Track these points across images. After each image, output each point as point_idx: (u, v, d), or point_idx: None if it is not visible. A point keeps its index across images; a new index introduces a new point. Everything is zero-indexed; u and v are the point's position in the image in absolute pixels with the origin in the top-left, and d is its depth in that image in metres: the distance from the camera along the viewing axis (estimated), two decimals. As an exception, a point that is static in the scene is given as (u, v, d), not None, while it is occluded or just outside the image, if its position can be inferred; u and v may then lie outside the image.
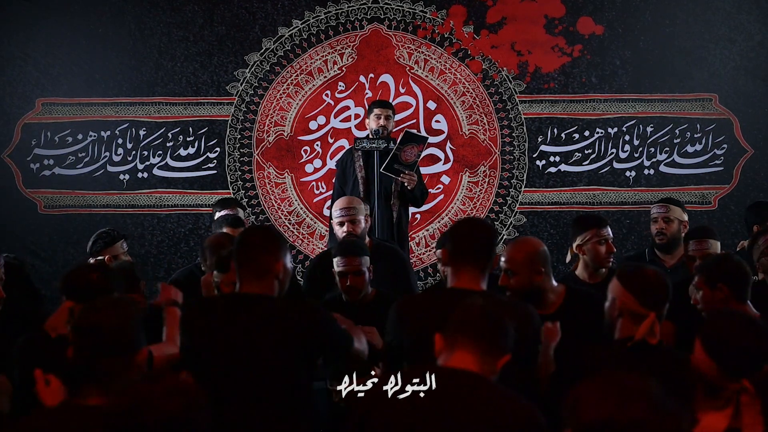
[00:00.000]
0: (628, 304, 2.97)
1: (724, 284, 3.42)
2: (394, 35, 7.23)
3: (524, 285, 3.55)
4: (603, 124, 7.18)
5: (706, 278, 3.46)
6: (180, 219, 7.21)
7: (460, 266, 3.21)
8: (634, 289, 2.98)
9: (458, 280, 3.20)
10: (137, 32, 7.15)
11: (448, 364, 2.42)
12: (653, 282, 3.00)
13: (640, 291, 2.97)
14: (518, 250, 3.60)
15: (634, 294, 2.97)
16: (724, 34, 7.15)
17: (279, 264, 3.14)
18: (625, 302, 2.98)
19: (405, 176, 5.95)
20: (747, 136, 7.14)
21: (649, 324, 2.89)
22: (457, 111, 7.21)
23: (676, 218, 5.20)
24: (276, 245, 3.18)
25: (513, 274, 3.57)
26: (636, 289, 2.97)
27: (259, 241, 3.17)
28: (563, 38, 7.17)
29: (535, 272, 3.56)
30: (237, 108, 7.20)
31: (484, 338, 2.44)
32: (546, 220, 7.20)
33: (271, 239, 3.20)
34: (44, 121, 7.17)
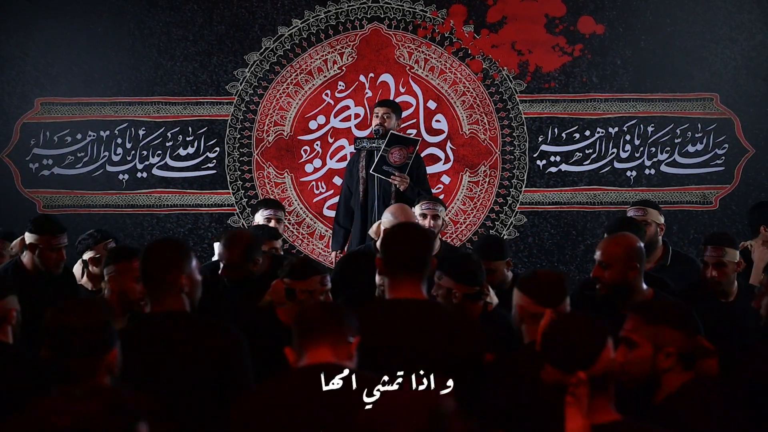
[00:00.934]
0: (525, 307, 3.02)
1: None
2: (395, 35, 7.21)
3: (617, 279, 3.54)
4: (604, 123, 7.16)
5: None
6: (179, 219, 7.19)
7: (397, 275, 3.08)
8: (529, 291, 3.02)
9: (397, 290, 3.08)
10: (136, 32, 7.13)
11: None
12: (545, 281, 3.03)
13: (534, 291, 3.00)
14: (616, 244, 3.60)
15: (529, 296, 3.01)
16: (725, 34, 7.13)
17: (183, 277, 2.99)
18: (522, 306, 3.03)
19: (395, 178, 5.95)
20: (748, 136, 7.12)
21: (547, 319, 2.89)
22: (457, 111, 7.19)
23: (653, 221, 5.10)
24: (179, 258, 3.02)
25: (607, 266, 3.55)
26: (530, 291, 3.01)
27: (161, 256, 3.01)
28: (564, 38, 7.15)
29: (630, 268, 3.55)
30: (236, 108, 7.18)
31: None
32: (546, 220, 7.18)
33: (173, 252, 3.03)
34: (43, 120, 7.15)
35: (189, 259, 3.04)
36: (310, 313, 2.60)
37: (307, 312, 2.62)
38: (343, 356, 2.50)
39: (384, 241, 3.21)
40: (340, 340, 2.52)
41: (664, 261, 5.04)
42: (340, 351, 2.51)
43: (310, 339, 2.52)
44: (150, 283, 3.00)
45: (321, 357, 2.49)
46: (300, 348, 2.53)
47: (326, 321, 2.54)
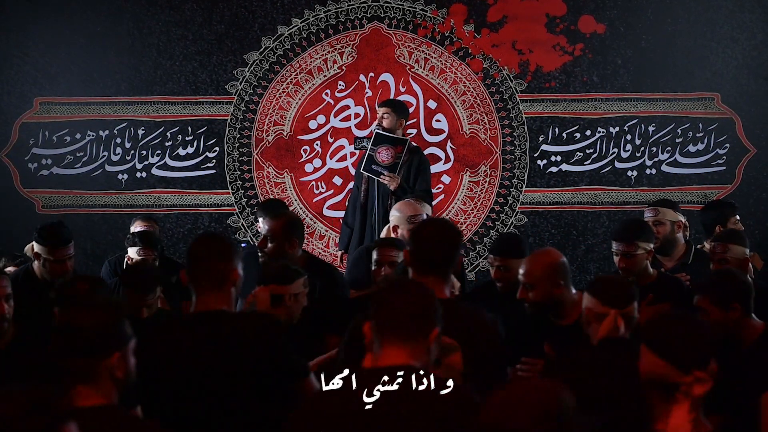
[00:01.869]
0: (593, 308, 3.14)
1: (738, 303, 3.30)
2: (395, 34, 7.19)
3: (544, 298, 3.54)
4: (604, 123, 7.14)
5: (718, 299, 3.32)
6: (179, 219, 7.17)
7: (422, 272, 3.07)
8: (596, 292, 3.15)
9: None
10: (136, 31, 7.12)
11: (381, 363, 2.41)
12: (612, 283, 3.22)
13: (601, 292, 3.14)
14: (537, 263, 3.58)
15: (596, 297, 3.14)
16: (726, 33, 7.11)
17: (235, 272, 3.00)
18: (590, 308, 3.15)
19: (384, 177, 5.94)
20: (749, 136, 7.10)
21: (611, 320, 3.06)
22: (457, 110, 7.17)
23: (668, 220, 5.09)
24: (230, 252, 3.02)
25: (531, 287, 3.54)
26: (597, 292, 3.15)
27: (212, 250, 3.00)
28: (564, 37, 7.13)
29: (554, 285, 3.54)
30: (236, 107, 7.16)
31: (407, 333, 2.41)
32: (547, 220, 7.16)
33: (224, 246, 3.04)
34: (42, 120, 7.13)
35: (240, 253, 3.08)
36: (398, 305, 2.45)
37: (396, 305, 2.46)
38: (421, 354, 2.42)
39: (413, 236, 3.21)
40: (420, 340, 2.43)
41: (685, 259, 5.04)
42: (417, 350, 2.42)
43: (390, 336, 2.42)
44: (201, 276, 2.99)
45: (398, 358, 2.40)
46: (380, 340, 2.44)
47: (411, 320, 2.43)
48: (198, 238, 3.13)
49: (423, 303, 2.47)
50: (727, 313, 3.29)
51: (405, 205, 5.12)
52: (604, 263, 6.93)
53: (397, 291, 2.51)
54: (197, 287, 2.99)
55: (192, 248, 3.04)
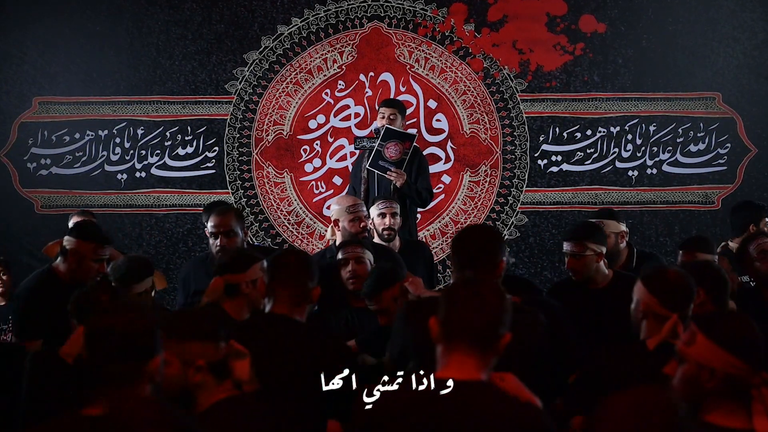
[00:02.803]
0: (651, 306, 3.02)
1: (702, 288, 3.33)
2: (395, 33, 7.17)
3: None
4: (605, 123, 7.12)
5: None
6: (178, 219, 7.15)
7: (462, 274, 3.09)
8: (656, 291, 3.02)
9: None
10: (135, 30, 7.10)
11: (447, 374, 2.33)
12: (675, 284, 3.04)
13: (662, 293, 3.01)
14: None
15: (656, 296, 3.01)
16: (727, 33, 7.09)
17: (317, 290, 3.27)
18: (648, 304, 3.03)
19: (391, 173, 5.93)
20: (750, 135, 7.09)
21: (671, 325, 2.94)
22: (458, 110, 7.15)
23: (611, 232, 5.00)
24: (314, 271, 3.28)
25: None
26: (658, 291, 3.02)
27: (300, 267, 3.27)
28: (565, 36, 7.11)
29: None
30: (236, 107, 7.14)
31: (479, 340, 2.35)
32: (548, 219, 7.13)
33: (310, 264, 3.31)
34: (41, 120, 7.11)
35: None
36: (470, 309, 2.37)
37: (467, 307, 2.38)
38: (489, 360, 2.36)
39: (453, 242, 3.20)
40: (491, 344, 2.36)
41: (629, 264, 4.99)
42: (487, 358, 2.36)
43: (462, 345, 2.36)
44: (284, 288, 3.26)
45: (467, 370, 2.34)
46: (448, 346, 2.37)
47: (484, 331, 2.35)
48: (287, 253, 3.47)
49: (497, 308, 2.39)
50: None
51: (343, 198, 5.36)
52: (604, 263, 6.90)
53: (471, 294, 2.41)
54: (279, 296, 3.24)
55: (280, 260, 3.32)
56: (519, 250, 7.07)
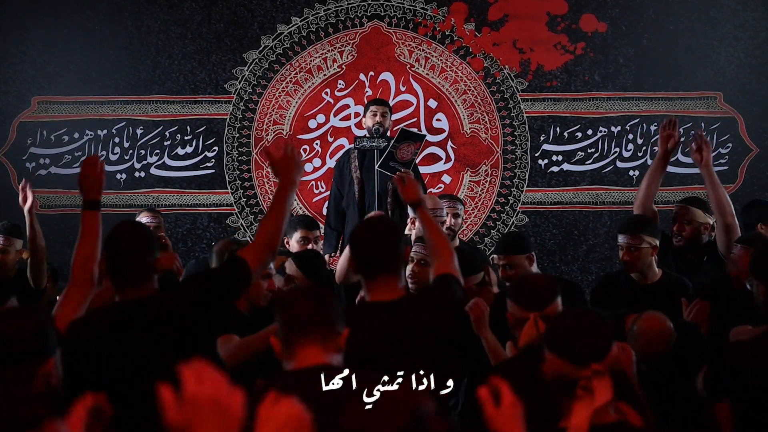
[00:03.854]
0: (514, 313, 2.98)
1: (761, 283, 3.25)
2: (395, 33, 7.15)
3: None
4: (606, 122, 7.10)
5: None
6: (178, 219, 7.12)
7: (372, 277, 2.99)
8: (514, 296, 3.00)
9: (374, 293, 2.98)
10: (134, 30, 7.08)
11: (297, 367, 2.37)
12: (529, 285, 3.01)
13: (518, 296, 2.98)
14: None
15: (514, 301, 2.98)
16: (728, 32, 7.07)
17: (157, 261, 2.99)
18: (512, 313, 2.99)
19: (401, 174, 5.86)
20: (752, 135, 7.07)
21: (531, 325, 2.87)
22: (458, 109, 7.13)
23: (696, 221, 4.91)
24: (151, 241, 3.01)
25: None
26: (515, 296, 3.00)
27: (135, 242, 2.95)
28: (566, 36, 7.09)
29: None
30: (235, 106, 7.12)
31: (316, 329, 2.39)
32: (548, 219, 7.11)
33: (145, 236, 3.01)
34: (40, 119, 7.09)
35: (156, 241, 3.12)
36: (299, 303, 2.46)
37: (295, 302, 2.47)
38: (331, 350, 2.40)
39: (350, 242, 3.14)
40: (330, 334, 2.41)
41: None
42: (329, 346, 2.40)
43: (301, 336, 2.41)
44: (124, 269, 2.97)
45: (313, 358, 2.38)
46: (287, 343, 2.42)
47: (317, 315, 2.42)
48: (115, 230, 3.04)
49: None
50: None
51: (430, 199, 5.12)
52: (605, 263, 6.89)
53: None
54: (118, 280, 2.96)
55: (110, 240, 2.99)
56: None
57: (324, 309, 2.43)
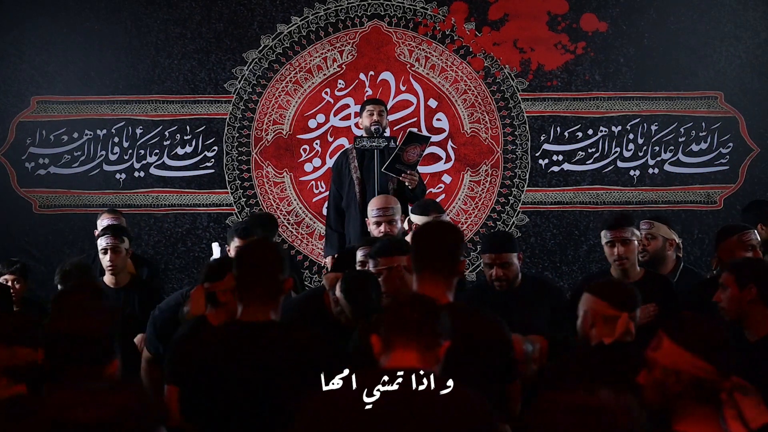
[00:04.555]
0: (599, 310, 3.12)
1: (755, 285, 3.38)
2: (395, 32, 7.13)
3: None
4: (607, 122, 7.09)
5: (737, 277, 3.43)
6: (177, 219, 7.11)
7: (423, 273, 3.07)
8: (605, 295, 3.13)
9: (421, 287, 3.06)
10: (134, 29, 7.06)
11: (389, 365, 2.42)
12: (622, 287, 3.23)
13: (611, 296, 3.13)
14: None
15: (604, 299, 3.12)
16: (729, 32, 7.05)
17: (289, 282, 3.06)
18: (596, 309, 3.12)
19: (406, 176, 5.84)
20: (753, 135, 7.05)
21: (623, 323, 3.06)
22: (458, 109, 7.11)
23: (660, 235, 5.07)
24: (283, 262, 3.06)
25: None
26: (606, 295, 3.13)
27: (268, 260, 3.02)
28: (566, 35, 7.08)
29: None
30: (235, 106, 7.10)
31: (418, 334, 2.44)
32: (549, 219, 7.09)
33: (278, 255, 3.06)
34: (39, 119, 7.08)
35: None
36: (405, 309, 2.51)
37: (402, 308, 2.52)
38: (430, 360, 2.43)
39: (412, 239, 3.20)
40: (431, 343, 2.45)
41: (671, 277, 5.00)
42: (428, 356, 2.44)
43: (400, 338, 2.44)
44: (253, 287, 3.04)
45: (408, 360, 2.42)
46: (387, 343, 2.46)
47: (420, 322, 2.46)
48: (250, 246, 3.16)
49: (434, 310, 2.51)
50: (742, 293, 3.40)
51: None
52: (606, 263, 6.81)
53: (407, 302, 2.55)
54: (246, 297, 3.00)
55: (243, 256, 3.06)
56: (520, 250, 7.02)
57: (428, 318, 2.48)
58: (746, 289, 3.38)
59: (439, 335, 2.46)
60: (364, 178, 6.08)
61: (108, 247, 5.21)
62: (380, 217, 5.12)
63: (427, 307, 2.52)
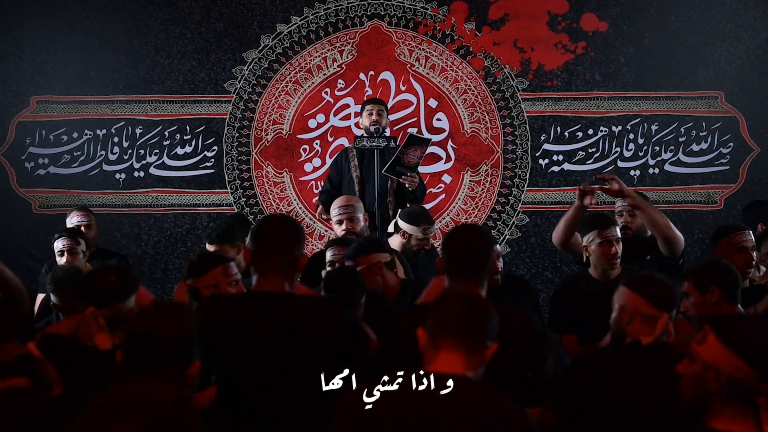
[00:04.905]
0: (639, 308, 3.03)
1: (716, 287, 3.35)
2: (395, 32, 7.12)
3: None
4: (607, 122, 7.08)
5: (696, 282, 3.39)
6: (177, 219, 7.10)
7: (455, 276, 3.06)
8: (646, 293, 3.04)
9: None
10: (133, 29, 7.05)
11: (433, 368, 2.36)
12: (664, 286, 3.08)
13: (652, 294, 3.04)
14: None
15: (645, 297, 3.03)
16: (729, 31, 7.05)
17: (304, 258, 3.05)
18: (636, 306, 3.04)
19: (406, 178, 5.83)
20: (753, 135, 7.04)
21: (663, 323, 2.99)
22: (458, 109, 7.11)
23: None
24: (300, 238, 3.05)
25: None
26: (647, 293, 3.04)
27: (288, 234, 3.00)
28: (566, 35, 7.07)
29: None
30: (235, 106, 7.10)
31: (466, 336, 2.39)
32: (549, 219, 7.08)
33: (298, 230, 3.06)
34: (39, 119, 7.07)
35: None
36: (456, 307, 2.44)
37: (453, 305, 2.45)
38: (474, 363, 2.38)
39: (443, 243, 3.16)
40: (477, 346, 2.40)
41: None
42: (473, 358, 2.39)
43: (449, 339, 2.39)
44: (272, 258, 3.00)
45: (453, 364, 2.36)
46: (434, 342, 2.41)
47: (471, 327, 2.41)
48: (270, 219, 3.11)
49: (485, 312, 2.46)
50: (704, 297, 3.36)
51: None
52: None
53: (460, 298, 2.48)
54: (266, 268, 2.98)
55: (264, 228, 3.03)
56: (520, 250, 7.03)
57: (480, 319, 2.43)
58: (708, 292, 3.34)
59: (487, 337, 2.42)
60: (364, 177, 6.07)
61: (65, 248, 5.27)
62: (342, 215, 5.13)
63: (479, 306, 2.46)
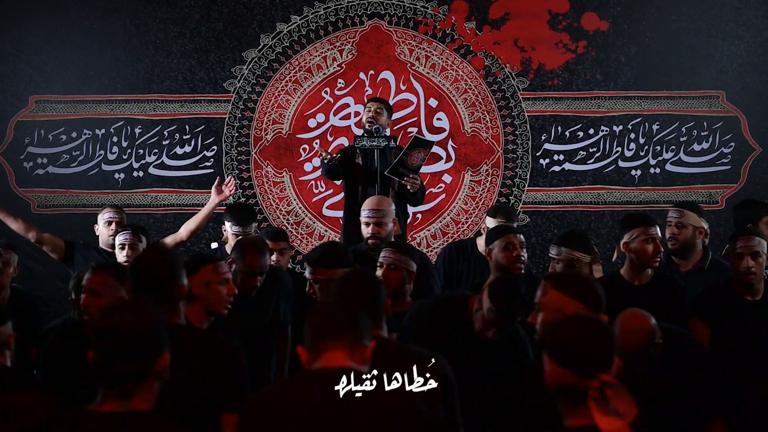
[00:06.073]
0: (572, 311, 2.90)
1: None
2: (395, 31, 7.10)
3: None
4: (608, 121, 7.06)
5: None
6: (176, 219, 7.07)
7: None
8: (580, 295, 2.91)
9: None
10: (133, 28, 7.03)
11: (321, 366, 2.43)
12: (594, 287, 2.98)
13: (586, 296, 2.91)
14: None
15: (580, 300, 2.89)
16: (731, 31, 7.03)
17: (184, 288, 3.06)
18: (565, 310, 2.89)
19: (408, 180, 5.80)
20: (755, 134, 7.02)
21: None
22: (459, 108, 7.09)
23: (690, 224, 5.01)
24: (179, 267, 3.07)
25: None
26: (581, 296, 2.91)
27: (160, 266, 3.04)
28: (567, 34, 7.05)
29: None
30: (234, 105, 7.08)
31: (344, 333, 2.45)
32: (550, 219, 7.07)
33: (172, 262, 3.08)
34: (38, 118, 7.05)
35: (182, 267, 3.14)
36: (325, 312, 2.53)
37: (322, 312, 2.55)
38: (359, 360, 2.44)
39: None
40: (357, 343, 2.46)
41: (701, 264, 4.96)
42: (356, 355, 2.44)
43: (326, 341, 2.45)
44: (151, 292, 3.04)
45: (338, 361, 2.42)
46: (314, 349, 2.46)
47: (344, 322, 2.47)
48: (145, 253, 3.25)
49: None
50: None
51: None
52: (607, 264, 6.83)
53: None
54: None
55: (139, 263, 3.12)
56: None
57: (352, 320, 2.48)
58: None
59: (363, 335, 2.48)
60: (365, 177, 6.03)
61: (126, 243, 5.25)
62: (370, 218, 5.03)
63: (347, 308, 2.54)
